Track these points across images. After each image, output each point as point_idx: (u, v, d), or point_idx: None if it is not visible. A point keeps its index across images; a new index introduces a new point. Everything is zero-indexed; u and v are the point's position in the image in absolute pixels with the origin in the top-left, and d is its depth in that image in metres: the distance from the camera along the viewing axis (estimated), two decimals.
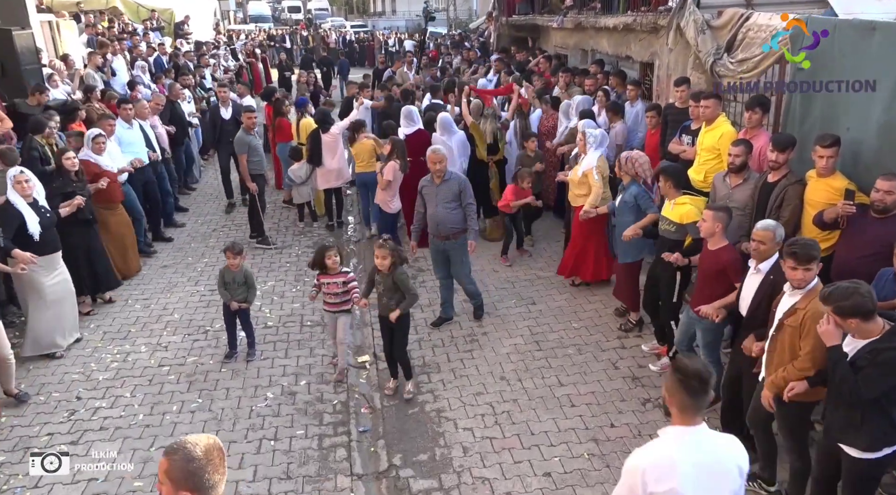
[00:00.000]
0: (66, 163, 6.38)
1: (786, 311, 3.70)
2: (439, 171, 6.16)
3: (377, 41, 30.85)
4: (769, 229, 4.09)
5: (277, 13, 52.16)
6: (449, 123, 8.30)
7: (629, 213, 5.97)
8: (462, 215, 6.24)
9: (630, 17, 8.46)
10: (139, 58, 12.90)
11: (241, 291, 5.87)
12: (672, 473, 2.47)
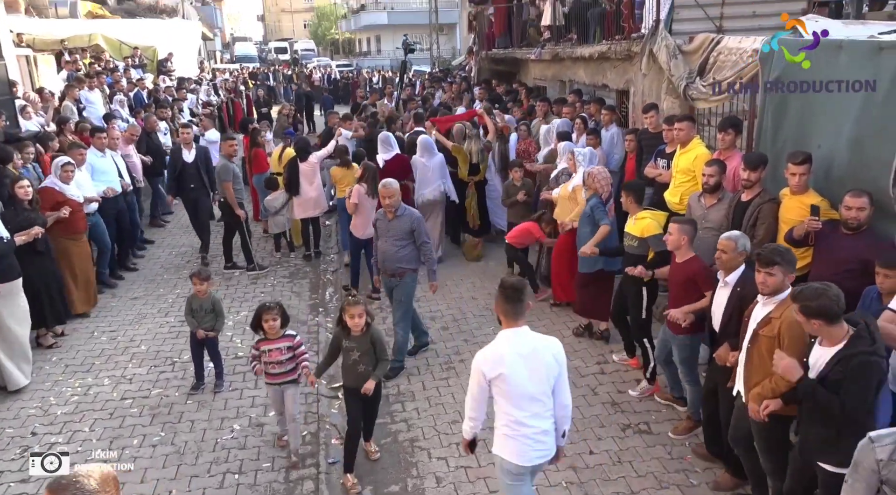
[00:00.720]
0: (19, 192, 6.17)
1: (760, 321, 3.64)
2: (390, 206, 5.86)
3: (362, 79, 31.23)
4: (731, 239, 4.13)
5: (264, 54, 52.83)
6: (430, 145, 8.52)
7: (587, 224, 6.18)
8: (411, 254, 5.91)
9: (605, 45, 8.57)
10: (119, 92, 12.88)
11: (208, 319, 5.68)
12: (501, 362, 3.32)
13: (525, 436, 3.38)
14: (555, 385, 3.41)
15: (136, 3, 30.37)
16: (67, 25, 19.02)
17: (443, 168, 8.62)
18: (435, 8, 32.62)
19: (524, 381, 3.33)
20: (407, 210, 5.96)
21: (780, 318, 3.52)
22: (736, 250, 4.09)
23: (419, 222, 5.92)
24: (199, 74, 22.23)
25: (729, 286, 4.14)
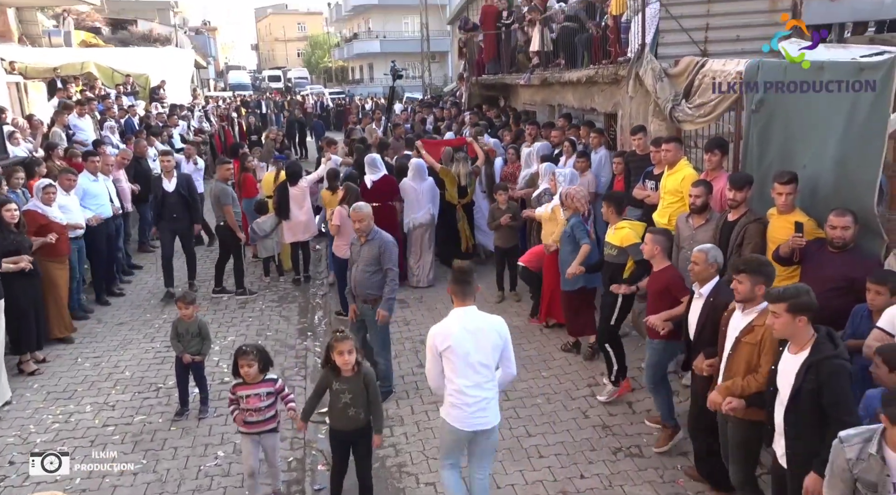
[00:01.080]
0: (6, 215, 6.13)
1: (742, 329, 3.72)
2: (360, 230, 5.70)
3: (354, 106, 31.47)
4: (702, 251, 4.29)
5: (258, 82, 53.28)
6: (421, 169, 8.62)
7: (568, 243, 6.25)
8: (382, 281, 5.67)
9: (592, 70, 8.65)
10: (110, 119, 12.90)
11: (194, 343, 5.59)
12: (449, 336, 3.79)
13: (467, 405, 3.81)
14: (501, 358, 3.93)
15: (130, 33, 30.75)
16: (60, 54, 19.13)
17: (433, 191, 8.72)
18: (426, 36, 32.98)
19: (470, 352, 3.79)
20: (378, 234, 5.76)
21: (764, 326, 3.57)
22: (707, 261, 4.22)
23: (387, 246, 5.70)
24: (191, 101, 22.35)
25: (703, 297, 4.26)
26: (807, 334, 3.25)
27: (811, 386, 3.15)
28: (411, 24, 46.60)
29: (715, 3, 6.77)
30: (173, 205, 8.18)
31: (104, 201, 8.29)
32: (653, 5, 6.97)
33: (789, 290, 3.30)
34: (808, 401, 3.18)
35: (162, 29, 32.69)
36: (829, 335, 3.26)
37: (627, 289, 5.33)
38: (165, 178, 8.23)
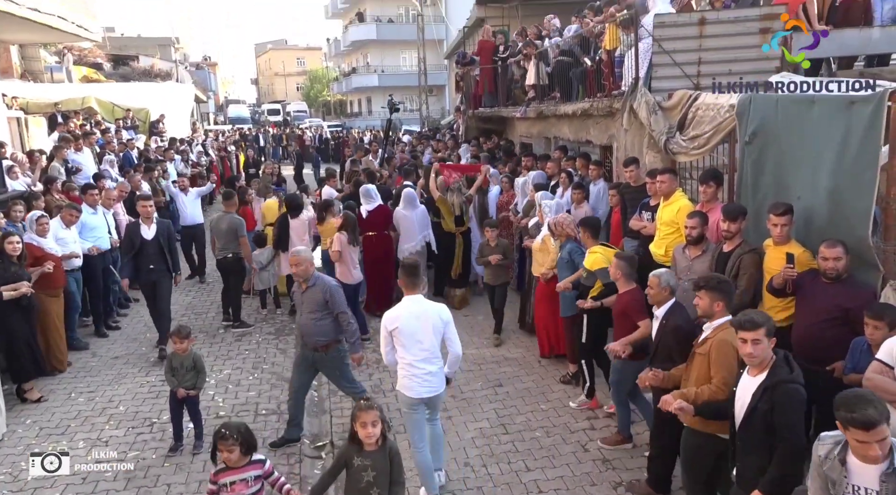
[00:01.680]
0: (8, 247, 6.17)
1: (698, 342, 4.05)
2: (298, 275, 5.50)
3: (351, 138, 31.77)
4: (656, 275, 4.59)
5: (257, 116, 53.85)
6: (412, 198, 8.90)
7: (566, 269, 6.40)
8: (330, 325, 5.45)
9: (587, 103, 8.76)
10: (109, 152, 12.99)
11: (189, 377, 5.53)
12: (397, 319, 4.56)
13: (415, 375, 4.60)
14: (444, 339, 4.65)
15: (132, 68, 31.18)
16: (61, 89, 19.36)
17: (424, 219, 8.90)
18: (424, 70, 33.48)
19: (415, 332, 4.56)
20: (319, 279, 5.52)
21: (713, 338, 3.93)
22: (660, 285, 4.51)
23: (332, 291, 5.44)
24: (190, 135, 22.55)
25: (658, 319, 4.58)
26: (770, 355, 3.42)
27: (766, 406, 3.32)
28: (409, 58, 47.31)
29: (707, 38, 6.88)
30: (151, 255, 7.41)
31: (102, 233, 8.31)
32: (646, 40, 7.10)
33: (761, 316, 3.46)
34: (761, 421, 3.35)
35: (163, 64, 33.16)
36: (786, 358, 3.43)
37: (592, 304, 5.67)
38: (144, 225, 7.47)
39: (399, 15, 47.09)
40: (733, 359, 3.75)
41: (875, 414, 2.65)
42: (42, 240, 6.95)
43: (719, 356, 3.82)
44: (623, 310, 5.11)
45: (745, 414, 3.43)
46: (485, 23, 18.47)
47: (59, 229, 7.49)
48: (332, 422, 6.22)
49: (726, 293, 3.99)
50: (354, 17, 49.03)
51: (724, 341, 3.84)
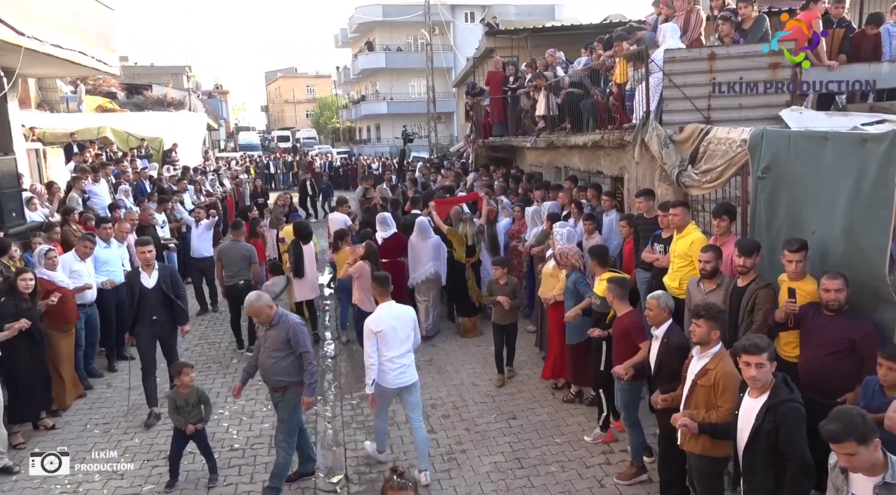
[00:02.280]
0: (20, 285, 6.13)
1: (697, 372, 4.19)
2: (262, 322, 5.38)
3: (360, 165, 32.05)
4: (654, 298, 4.87)
5: (267, 142, 54.43)
6: (426, 228, 8.99)
7: (571, 298, 6.56)
8: (291, 365, 5.27)
9: (598, 134, 8.84)
10: (124, 182, 13.16)
11: (195, 413, 5.52)
12: (382, 322, 5.44)
13: (394, 368, 5.47)
14: (412, 333, 5.62)
15: (145, 97, 31.68)
16: (77, 119, 19.71)
17: (437, 250, 9.01)
18: (433, 98, 33.85)
19: (396, 332, 5.47)
20: (283, 318, 5.34)
21: (716, 369, 4.09)
22: (659, 307, 4.79)
23: (296, 330, 5.26)
24: (203, 163, 22.80)
25: (659, 338, 4.79)
26: (770, 379, 3.63)
27: (769, 426, 3.54)
28: (417, 86, 47.94)
29: (717, 73, 6.97)
30: (153, 305, 6.64)
31: (116, 267, 8.28)
32: (656, 74, 7.19)
33: (763, 341, 3.69)
34: (765, 440, 3.57)
35: (176, 93, 33.69)
36: (784, 380, 3.66)
37: (600, 333, 5.82)
38: (144, 272, 6.72)
39: (408, 44, 47.81)
40: (737, 387, 3.97)
41: (836, 428, 2.86)
42: (52, 274, 6.92)
43: (727, 387, 4.01)
44: (624, 332, 5.30)
45: (749, 434, 3.63)
46: (494, 53, 18.76)
47: (73, 262, 7.48)
48: (346, 455, 6.22)
49: (722, 323, 4.30)
50: (364, 46, 49.78)
51: (730, 372, 4.05)
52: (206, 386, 7.66)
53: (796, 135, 5.20)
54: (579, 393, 6.95)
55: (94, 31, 10.43)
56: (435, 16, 34.55)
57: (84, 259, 7.59)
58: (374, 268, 7.87)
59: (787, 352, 4.73)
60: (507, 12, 44.12)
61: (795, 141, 5.15)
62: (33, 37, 8.11)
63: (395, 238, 9.15)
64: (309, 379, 5.30)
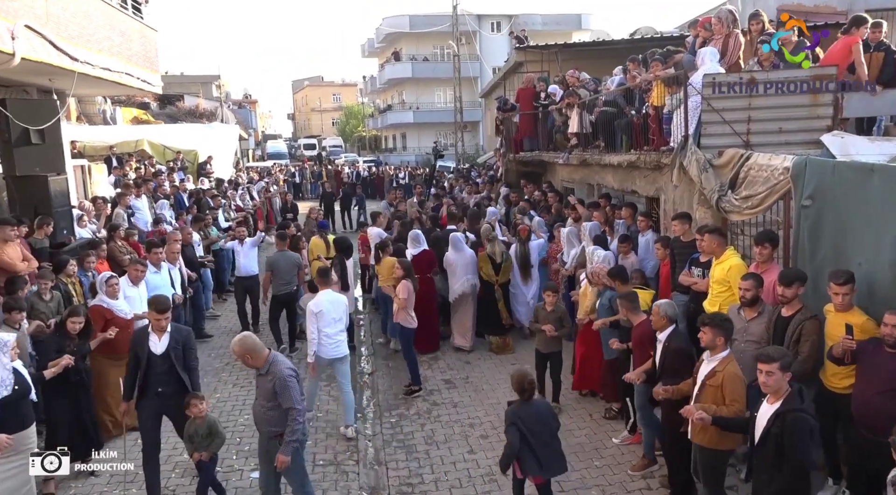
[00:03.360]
0: (69, 326, 5.93)
1: (706, 374, 4.67)
2: (250, 366, 5.08)
3: (385, 174, 32.25)
4: (657, 305, 5.43)
5: (293, 150, 55.07)
6: (459, 242, 9.43)
7: (606, 314, 6.92)
8: (282, 416, 4.93)
9: (634, 155, 8.88)
10: (162, 196, 13.51)
11: (205, 444, 5.47)
12: (320, 304, 6.77)
13: (330, 343, 6.86)
14: (344, 316, 7.01)
15: (178, 108, 32.34)
16: (114, 131, 20.23)
17: (473, 264, 9.42)
18: (460, 109, 34.02)
19: (332, 313, 6.86)
20: (273, 366, 4.95)
21: (723, 371, 4.57)
22: (660, 314, 5.35)
23: (283, 382, 4.86)
24: (235, 174, 23.19)
25: (661, 342, 5.37)
26: (785, 387, 4.02)
27: (777, 430, 3.95)
28: (443, 95, 48.20)
29: (756, 98, 6.99)
30: (160, 375, 5.57)
31: (166, 293, 7.81)
32: (694, 97, 7.24)
33: (777, 352, 4.13)
34: (773, 443, 3.98)
35: (207, 104, 34.32)
36: (800, 392, 4.05)
37: (619, 345, 6.34)
38: (154, 335, 5.58)
39: (434, 53, 48.13)
40: (743, 387, 4.58)
41: None
42: (113, 303, 6.71)
43: (733, 387, 4.53)
44: (640, 340, 5.81)
45: (759, 436, 4.09)
46: (523, 67, 18.91)
47: (126, 287, 7.17)
48: (388, 474, 6.33)
49: (727, 330, 4.74)
50: (391, 56, 50.21)
51: (735, 374, 4.59)
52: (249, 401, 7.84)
53: (841, 166, 5.24)
54: (621, 411, 7.06)
55: (140, 52, 10.76)
56: (461, 26, 34.76)
57: (137, 284, 7.39)
58: (413, 284, 8.18)
59: (833, 383, 4.76)
60: (533, 22, 44.44)
61: (840, 171, 5.19)
62: (86, 61, 8.42)
63: (424, 255, 9.39)
64: (289, 436, 4.88)
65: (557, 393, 7.50)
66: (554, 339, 7.35)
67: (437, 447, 6.75)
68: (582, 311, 7.46)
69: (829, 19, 13.32)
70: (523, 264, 9.67)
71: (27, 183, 8.27)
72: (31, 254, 7.35)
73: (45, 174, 8.31)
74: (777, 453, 3.95)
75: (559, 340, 7.46)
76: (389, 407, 7.85)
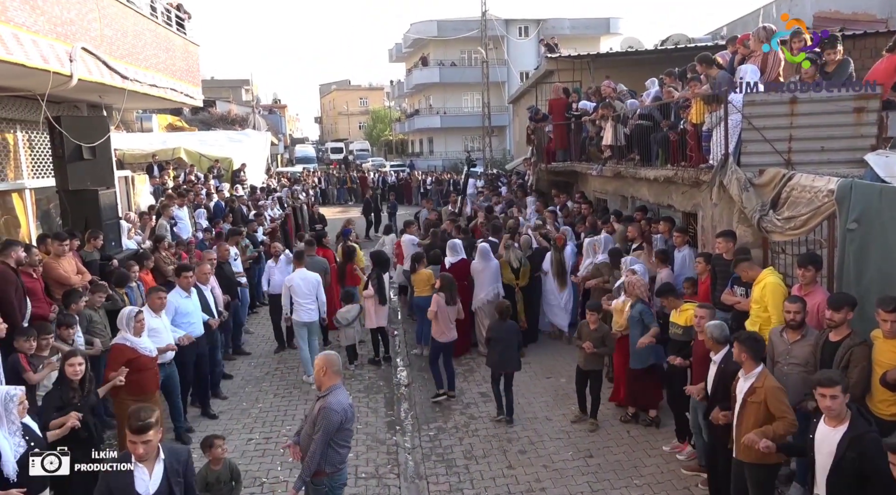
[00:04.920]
0: (68, 370, 5.23)
1: (746, 391, 4.79)
2: (316, 381, 4.91)
3: (414, 180, 32.39)
4: (708, 327, 5.49)
5: (320, 153, 55.63)
6: (486, 252, 9.81)
7: (636, 326, 7.16)
8: (326, 454, 4.66)
9: (671, 170, 8.87)
10: (199, 205, 13.80)
11: (226, 490, 5.23)
12: (292, 280, 8.94)
13: (301, 309, 8.81)
14: (316, 292, 8.89)
15: (210, 114, 32.95)
16: (151, 139, 20.69)
17: (497, 274, 9.78)
18: (488, 114, 34.10)
19: (301, 287, 8.79)
20: (331, 395, 4.72)
21: (763, 387, 4.70)
22: (710, 336, 5.42)
23: (326, 413, 4.62)
24: (266, 180, 23.51)
25: (716, 363, 5.42)
26: (846, 410, 4.05)
27: (853, 454, 3.92)
28: (470, 100, 48.32)
29: (798, 116, 6.98)
30: None
31: (196, 319, 7.63)
32: (735, 116, 7.24)
33: (837, 374, 4.22)
34: (850, 468, 3.95)
35: (239, 110, 34.88)
36: (860, 412, 4.12)
37: (682, 362, 6.33)
38: (142, 467, 3.90)
39: (461, 58, 48.26)
40: (786, 398, 4.71)
41: None
42: (137, 341, 6.10)
43: (777, 401, 4.64)
44: (704, 355, 5.77)
45: (833, 462, 4.03)
46: (554, 75, 18.91)
47: (149, 318, 6.53)
48: (429, 489, 6.44)
49: (752, 348, 4.85)
50: (418, 61, 50.46)
51: (775, 388, 4.71)
52: (290, 411, 8.03)
53: (888, 190, 5.22)
54: (636, 414, 7.50)
55: (183, 67, 11.06)
56: (489, 31, 34.84)
57: (158, 313, 6.81)
58: (449, 299, 8.38)
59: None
60: (561, 26, 44.38)
61: (887, 195, 5.18)
62: (135, 79, 8.70)
63: (462, 263, 9.83)
64: (305, 471, 4.66)
65: (596, 410, 7.54)
66: (594, 357, 7.39)
67: (476, 461, 6.84)
68: (616, 325, 7.57)
69: (867, 27, 13.15)
70: (559, 271, 10.01)
71: (79, 196, 8.57)
72: (84, 267, 7.60)
73: (95, 188, 8.60)
74: (857, 476, 3.94)
75: (600, 358, 7.54)
76: (427, 420, 7.96)
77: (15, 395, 4.41)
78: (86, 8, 7.74)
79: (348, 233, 11.86)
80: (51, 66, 6.84)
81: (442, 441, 7.40)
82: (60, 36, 7.06)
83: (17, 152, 8.87)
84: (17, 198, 8.93)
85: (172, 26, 10.72)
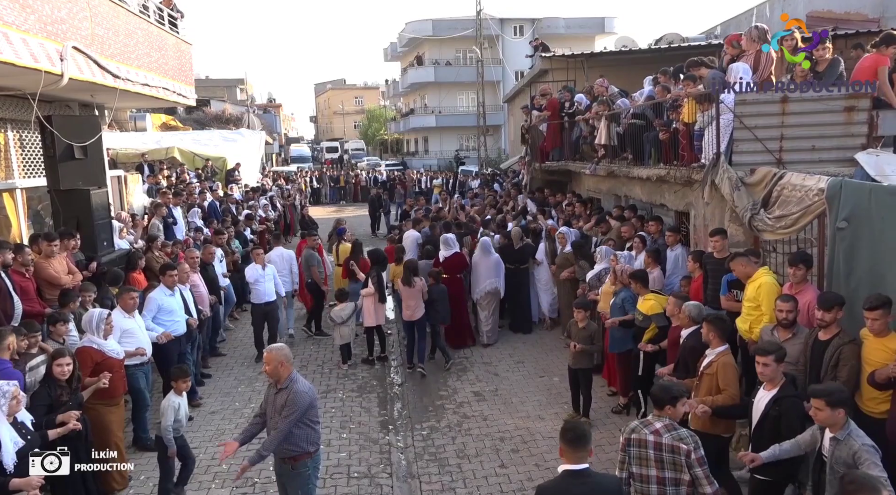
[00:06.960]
0: (56, 371, 5.26)
1: (704, 366, 5.32)
2: (271, 375, 4.85)
3: (409, 178, 32.36)
4: (686, 306, 6.01)
5: (315, 152, 55.57)
6: (488, 246, 10.31)
7: (618, 312, 7.49)
8: (301, 434, 4.77)
9: (663, 169, 8.88)
10: (193, 204, 13.77)
11: None
12: (270, 258, 10.26)
13: (282, 282, 10.00)
14: (290, 265, 10.51)
15: (205, 113, 32.86)
16: (145, 138, 20.63)
17: (497, 267, 10.29)
18: (483, 113, 34.10)
19: (279, 264, 10.16)
20: (293, 383, 4.79)
21: (717, 361, 5.22)
22: (684, 314, 5.99)
23: (295, 395, 4.73)
24: (260, 179, 23.48)
25: (682, 337, 6.03)
26: (780, 376, 4.65)
27: (774, 413, 4.54)
28: (465, 99, 48.34)
29: (789, 116, 7.00)
30: None
31: (179, 317, 7.68)
32: (726, 115, 7.25)
33: (771, 346, 4.82)
34: (771, 424, 4.56)
35: (233, 109, 34.78)
36: (793, 380, 4.87)
37: (652, 347, 6.84)
38: None
39: (457, 57, 48.26)
40: (735, 375, 5.24)
41: None
42: (104, 344, 6.04)
43: (725, 375, 5.13)
44: (676, 341, 6.26)
45: (758, 418, 4.63)
46: (548, 74, 18.89)
47: (121, 319, 6.54)
48: (421, 488, 6.43)
49: (720, 328, 5.31)
50: (413, 60, 50.43)
51: (728, 363, 5.22)
52: None
53: (878, 190, 5.24)
54: (627, 405, 7.71)
55: (176, 66, 11.02)
56: (484, 30, 34.85)
57: (131, 313, 6.76)
58: (405, 280, 9.22)
59: (870, 407, 4.77)
60: (556, 26, 44.42)
61: (877, 195, 5.19)
62: (127, 78, 8.66)
63: (455, 257, 10.29)
64: (267, 445, 4.77)
65: (588, 408, 7.55)
66: (583, 355, 7.40)
67: (468, 461, 6.84)
68: (602, 309, 8.04)
69: (860, 27, 13.19)
70: (553, 259, 10.56)
71: (70, 196, 8.52)
72: (76, 267, 7.57)
73: (87, 188, 8.56)
74: (774, 433, 4.50)
75: (590, 356, 7.53)
76: (420, 419, 7.96)
77: (8, 390, 4.48)
78: (77, 7, 7.71)
79: (342, 232, 11.84)
80: (41, 65, 6.80)
81: (435, 440, 7.40)
82: (51, 35, 7.02)
83: (7, 152, 8.83)
84: (8, 197, 8.88)
85: (165, 25, 10.68)
